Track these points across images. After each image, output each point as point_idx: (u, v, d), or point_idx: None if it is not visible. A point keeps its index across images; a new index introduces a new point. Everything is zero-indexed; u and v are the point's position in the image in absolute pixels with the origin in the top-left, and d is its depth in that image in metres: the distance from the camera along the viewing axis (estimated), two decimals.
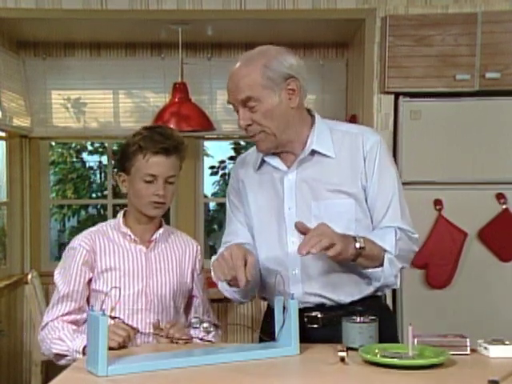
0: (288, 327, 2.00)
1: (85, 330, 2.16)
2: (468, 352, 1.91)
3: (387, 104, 4.34)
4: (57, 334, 2.25)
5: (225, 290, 2.25)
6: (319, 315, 2.18)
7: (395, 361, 1.80)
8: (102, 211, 8.23)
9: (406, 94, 4.21)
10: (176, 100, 4.61)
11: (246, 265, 1.98)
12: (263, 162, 2.27)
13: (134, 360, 1.88)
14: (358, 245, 2.03)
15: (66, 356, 2.23)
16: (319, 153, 2.19)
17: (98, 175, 9.01)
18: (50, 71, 5.17)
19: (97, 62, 5.19)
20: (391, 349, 1.91)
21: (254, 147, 2.29)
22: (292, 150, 2.21)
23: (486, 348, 1.91)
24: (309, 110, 2.28)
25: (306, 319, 2.17)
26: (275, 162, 2.24)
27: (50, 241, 5.70)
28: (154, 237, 2.40)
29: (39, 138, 5.27)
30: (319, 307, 2.19)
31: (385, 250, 2.11)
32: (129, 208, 2.41)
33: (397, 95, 4.29)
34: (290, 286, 2.17)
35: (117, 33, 4.88)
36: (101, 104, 5.25)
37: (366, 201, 2.19)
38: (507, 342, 1.93)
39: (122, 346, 2.09)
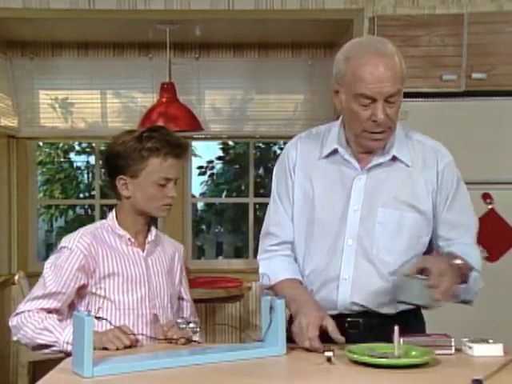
0: (275, 327, 2.00)
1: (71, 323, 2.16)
2: (453, 351, 1.91)
3: None
4: (41, 324, 2.21)
5: None
6: (361, 321, 2.12)
7: (382, 360, 1.81)
8: (89, 211, 8.22)
9: None
10: (164, 100, 4.60)
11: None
12: (335, 152, 2.15)
13: (119, 361, 1.87)
14: (457, 262, 1.97)
15: (53, 347, 2.19)
16: (398, 159, 2.11)
17: (86, 175, 8.99)
18: (37, 71, 5.16)
19: (84, 62, 5.18)
20: (378, 349, 1.92)
21: (316, 132, 2.21)
22: (372, 152, 2.12)
23: (470, 347, 1.92)
24: None
25: (346, 324, 2.12)
26: (350, 158, 2.13)
27: (38, 241, 5.68)
28: (148, 239, 2.37)
29: (26, 138, 5.26)
30: (361, 314, 2.13)
31: (471, 268, 2.04)
32: (124, 210, 2.34)
33: None
34: (337, 290, 2.12)
35: (104, 33, 4.88)
36: (88, 104, 5.24)
37: (433, 219, 2.14)
38: (491, 341, 1.93)
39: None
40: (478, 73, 3.97)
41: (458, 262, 1.96)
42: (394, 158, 2.11)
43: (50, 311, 2.25)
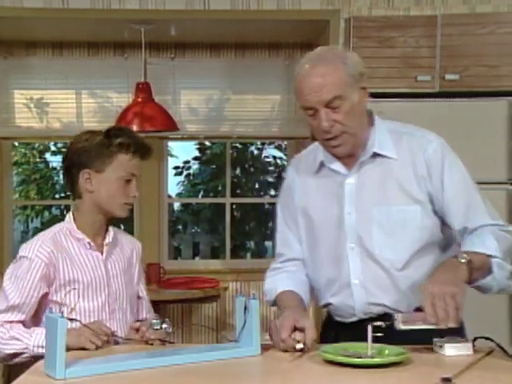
0: (249, 328, 2.00)
1: (38, 329, 2.15)
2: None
3: None
4: (7, 335, 2.18)
5: None
6: (383, 325, 2.02)
7: (355, 360, 1.81)
8: (65, 212, 8.17)
9: (369, 95, 4.24)
10: (139, 100, 4.58)
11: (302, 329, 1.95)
12: (322, 165, 2.18)
13: (92, 362, 1.86)
14: (464, 260, 1.91)
15: (23, 354, 2.16)
16: (380, 155, 2.10)
17: (62, 176, 8.93)
18: (11, 71, 5.13)
19: (59, 62, 5.15)
20: (352, 348, 1.92)
21: (308, 150, 2.23)
22: (354, 153, 2.11)
23: (440, 346, 1.93)
24: (369, 110, 2.19)
25: (369, 327, 2.02)
26: (335, 165, 2.15)
27: (13, 242, 5.63)
28: (106, 241, 2.34)
29: (2, 139, 5.22)
30: (383, 316, 2.06)
31: (490, 256, 1.97)
32: (83, 208, 2.32)
33: None
34: (353, 296, 2.12)
35: (79, 32, 4.85)
36: (63, 104, 5.22)
37: (434, 207, 2.09)
38: (461, 340, 1.95)
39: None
40: (451, 74, 4.01)
41: (463, 260, 1.90)
42: (376, 155, 2.10)
43: (13, 324, 2.22)
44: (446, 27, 4.07)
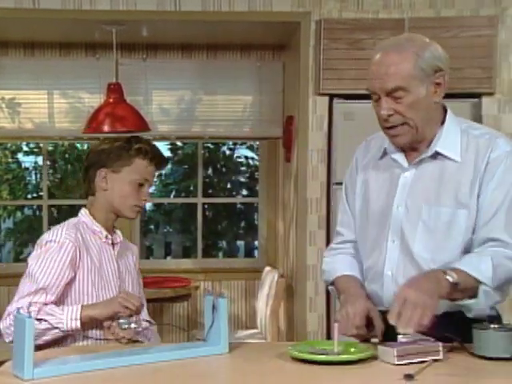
0: (217, 326, 2.02)
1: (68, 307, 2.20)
2: (441, 357, 1.85)
3: (322, 105, 4.43)
4: (38, 314, 2.15)
5: None
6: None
7: (321, 357, 1.84)
8: (37, 212, 8.13)
9: (339, 96, 4.29)
10: (111, 100, 4.57)
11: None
12: (385, 153, 2.16)
13: (60, 362, 1.87)
14: (450, 279, 1.89)
15: (55, 329, 2.16)
16: (442, 155, 2.06)
17: (34, 176, 8.88)
18: None
19: (31, 62, 5.14)
20: (319, 345, 1.96)
21: (379, 134, 2.17)
22: (418, 148, 2.09)
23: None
24: (444, 108, 2.14)
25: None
26: (397, 156, 2.13)
27: None
28: (117, 240, 2.43)
29: None
30: None
31: (480, 282, 1.94)
32: (98, 204, 2.40)
33: (331, 97, 4.37)
34: (383, 286, 2.11)
35: (50, 32, 4.84)
36: (35, 104, 5.20)
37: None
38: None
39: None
40: None
41: (449, 278, 1.89)
42: (438, 154, 2.07)
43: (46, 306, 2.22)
44: (413, 30, 4.11)
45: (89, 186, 2.41)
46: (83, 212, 2.40)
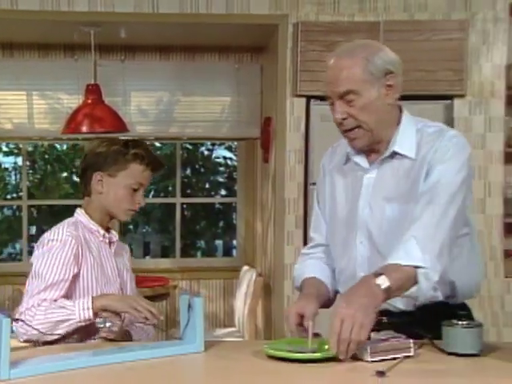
0: (193, 325, 2.04)
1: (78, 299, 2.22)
2: (412, 353, 1.89)
3: (299, 107, 4.47)
4: (50, 308, 2.19)
5: None
6: (385, 320, 2.05)
7: (296, 355, 1.86)
8: (17, 212, 8.10)
9: (317, 98, 4.34)
10: (89, 101, 4.59)
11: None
12: (348, 157, 2.21)
13: (38, 362, 1.86)
14: (382, 285, 1.88)
15: (69, 321, 2.17)
16: (399, 154, 2.11)
17: (14, 176, 8.85)
18: None
19: (10, 63, 5.14)
20: (294, 343, 1.99)
21: (344, 140, 2.19)
22: (378, 149, 2.14)
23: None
24: (400, 109, 2.18)
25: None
26: (358, 158, 2.17)
27: None
28: (114, 239, 2.46)
29: None
30: (385, 312, 2.06)
31: (415, 267, 1.95)
32: (93, 205, 2.42)
33: (308, 98, 4.42)
34: None
35: (29, 34, 4.84)
36: (14, 105, 5.20)
37: None
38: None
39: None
40: None
41: (380, 283, 1.89)
42: (395, 153, 2.11)
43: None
44: (388, 33, 4.19)
45: (85, 187, 2.43)
46: (79, 212, 2.43)
